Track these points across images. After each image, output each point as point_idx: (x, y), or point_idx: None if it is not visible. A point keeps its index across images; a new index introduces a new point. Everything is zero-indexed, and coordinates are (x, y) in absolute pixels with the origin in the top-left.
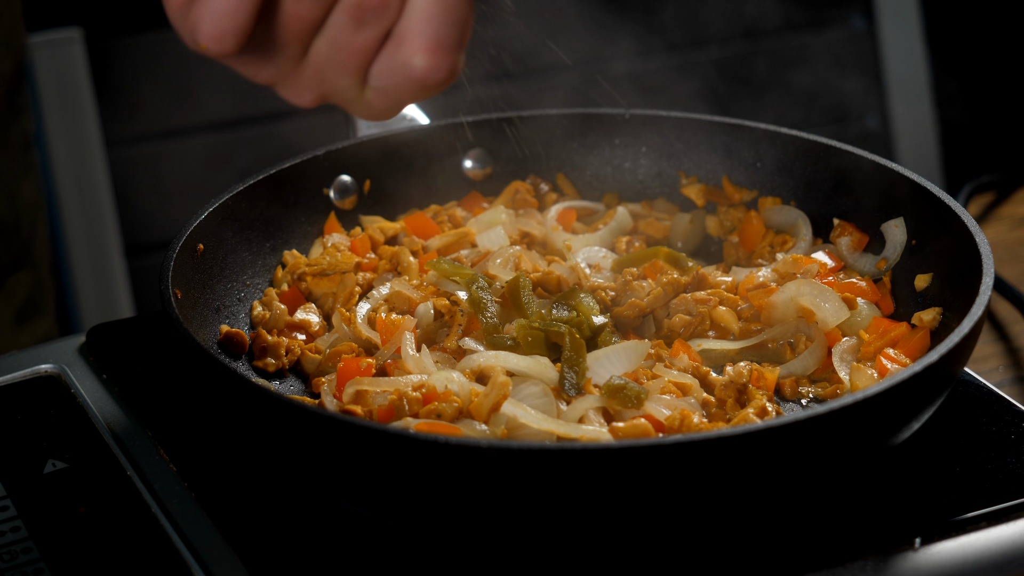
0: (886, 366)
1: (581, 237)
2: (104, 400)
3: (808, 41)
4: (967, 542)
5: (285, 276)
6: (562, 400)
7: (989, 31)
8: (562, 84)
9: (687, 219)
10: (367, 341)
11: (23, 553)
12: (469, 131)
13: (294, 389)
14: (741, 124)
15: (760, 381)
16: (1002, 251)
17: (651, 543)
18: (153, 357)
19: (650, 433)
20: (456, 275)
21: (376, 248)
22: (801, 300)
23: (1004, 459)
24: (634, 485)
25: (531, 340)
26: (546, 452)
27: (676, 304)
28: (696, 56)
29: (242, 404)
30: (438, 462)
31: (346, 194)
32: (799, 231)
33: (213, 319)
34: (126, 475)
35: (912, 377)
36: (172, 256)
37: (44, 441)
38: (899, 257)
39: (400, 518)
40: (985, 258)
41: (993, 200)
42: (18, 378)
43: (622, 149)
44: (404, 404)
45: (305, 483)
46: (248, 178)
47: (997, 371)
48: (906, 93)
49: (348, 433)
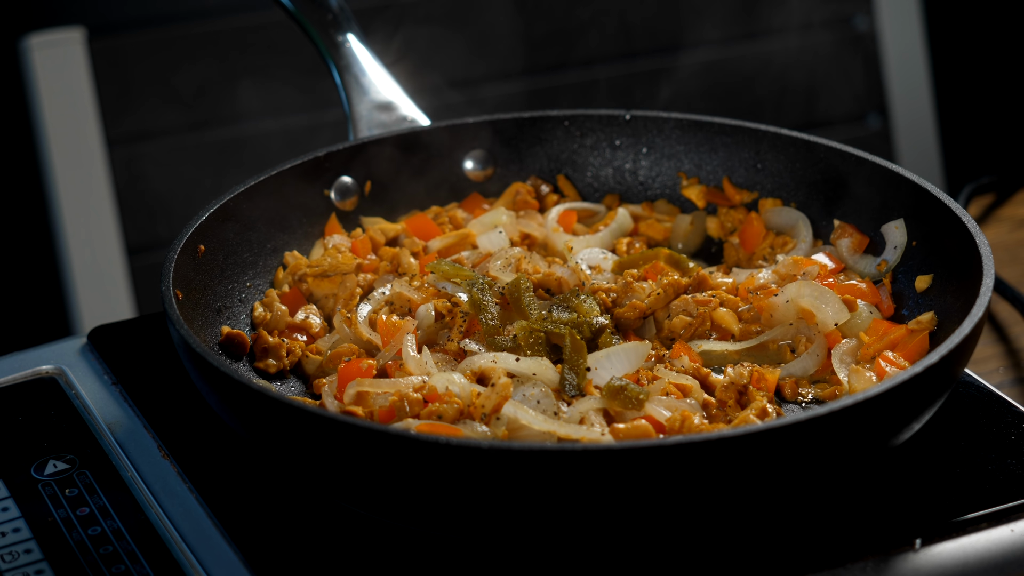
0: (884, 369)
1: (582, 238)
2: (105, 401)
3: (808, 41)
4: (967, 543)
5: (286, 277)
6: (563, 401)
7: (989, 31)
8: (562, 84)
9: (688, 220)
10: (368, 342)
11: (24, 553)
12: (470, 132)
13: (295, 390)
14: (741, 125)
15: (760, 382)
16: (1002, 252)
17: (652, 544)
18: (154, 358)
19: (651, 434)
20: (457, 276)
21: (377, 249)
22: (801, 301)
23: (1004, 460)
24: (635, 486)
25: (532, 341)
26: (547, 453)
27: (677, 305)
28: (696, 56)
29: (243, 406)
30: (439, 463)
31: (347, 195)
32: (799, 232)
33: (214, 320)
34: (127, 475)
35: (913, 378)
36: (173, 257)
37: (45, 442)
38: (899, 258)
39: (400, 519)
40: (985, 259)
41: (993, 201)
42: (19, 379)
43: (623, 150)
44: (405, 405)
45: (306, 484)
46: (249, 179)
47: (997, 372)
48: (906, 93)
49: (349, 434)
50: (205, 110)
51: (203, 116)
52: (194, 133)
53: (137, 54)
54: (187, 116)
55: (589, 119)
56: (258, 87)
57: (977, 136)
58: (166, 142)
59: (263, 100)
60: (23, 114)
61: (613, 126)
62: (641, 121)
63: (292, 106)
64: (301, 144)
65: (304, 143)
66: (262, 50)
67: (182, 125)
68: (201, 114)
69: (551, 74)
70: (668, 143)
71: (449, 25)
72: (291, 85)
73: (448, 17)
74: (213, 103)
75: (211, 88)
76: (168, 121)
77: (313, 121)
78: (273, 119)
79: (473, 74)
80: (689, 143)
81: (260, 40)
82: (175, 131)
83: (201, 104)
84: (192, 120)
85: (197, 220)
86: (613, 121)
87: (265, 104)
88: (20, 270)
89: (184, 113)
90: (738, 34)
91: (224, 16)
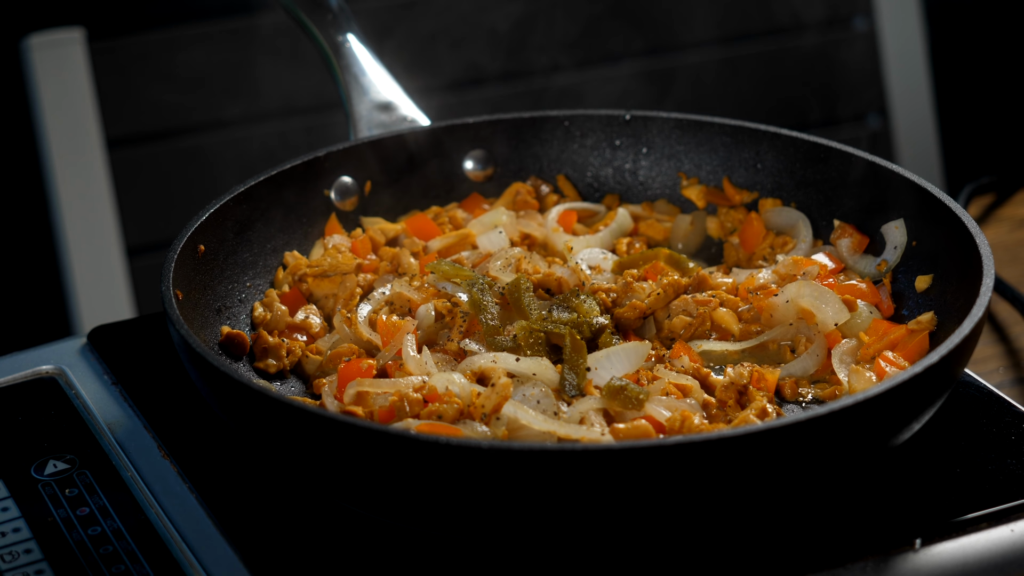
0: (884, 369)
1: (582, 238)
2: (105, 401)
3: (808, 41)
4: (967, 543)
5: (286, 277)
6: (563, 401)
7: (989, 31)
8: (563, 83)
9: (688, 220)
10: (368, 342)
11: (24, 553)
12: (470, 132)
13: (295, 390)
14: (741, 125)
15: (760, 382)
16: (1002, 252)
17: (652, 544)
18: (154, 358)
19: (651, 434)
20: (457, 276)
21: (377, 249)
22: (801, 302)
23: (1004, 460)
24: (635, 486)
25: (532, 341)
26: (547, 453)
27: (677, 305)
28: (696, 56)
29: (243, 406)
30: (439, 463)
31: (347, 195)
32: (799, 232)
33: (214, 320)
34: (127, 476)
35: (913, 378)
36: (173, 257)
37: (45, 442)
38: (899, 258)
39: (401, 518)
40: (985, 259)
41: (993, 201)
42: (19, 379)
43: (623, 151)
44: (405, 405)
45: (306, 484)
46: (249, 179)
47: (997, 372)
48: (906, 93)
49: (349, 434)
50: (204, 111)
51: (202, 116)
52: (194, 133)
53: (137, 55)
54: (186, 117)
55: (589, 119)
56: (257, 87)
57: (977, 136)
58: (166, 142)
59: (262, 100)
60: (23, 114)
61: (613, 126)
62: (641, 121)
63: (292, 106)
64: (301, 144)
65: (304, 143)
66: (261, 51)
67: (182, 125)
68: (200, 115)
69: (551, 74)
70: (668, 143)
71: (449, 25)
72: (290, 85)
73: (448, 17)
74: (213, 104)
75: (210, 88)
76: (168, 121)
77: (313, 121)
78: (273, 119)
79: (473, 74)
80: (689, 143)
81: (259, 41)
82: (175, 131)
83: (200, 105)
84: (192, 120)
85: (197, 220)
86: (613, 121)
87: (265, 104)
88: (20, 270)
89: (183, 113)
90: (738, 34)
91: (224, 17)
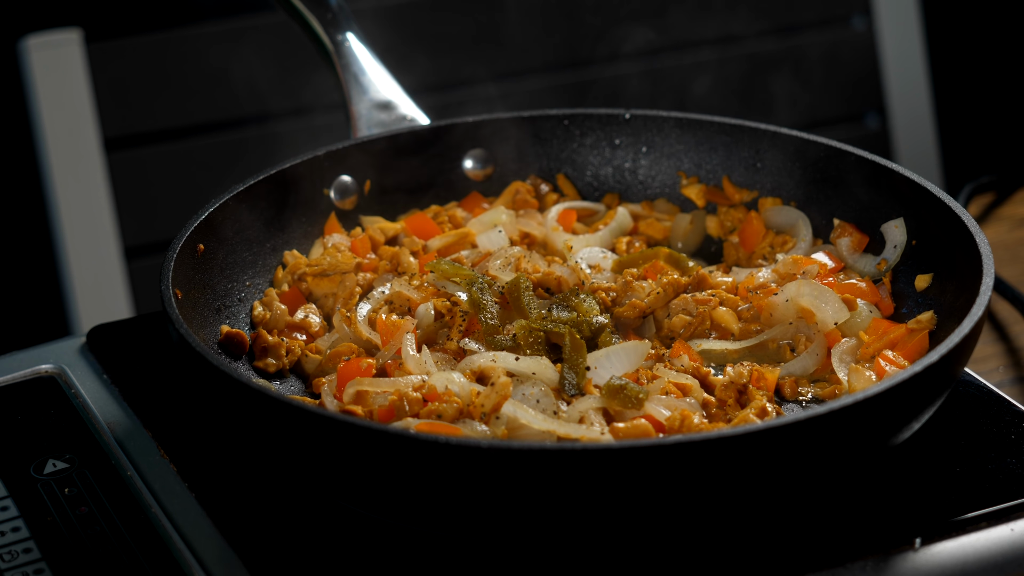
0: (884, 368)
1: (581, 238)
2: (104, 400)
3: (808, 41)
4: (967, 542)
5: (285, 276)
6: (562, 400)
7: (989, 31)
8: (562, 84)
9: (687, 219)
10: (367, 342)
11: (24, 553)
12: (469, 131)
13: (294, 389)
14: (741, 124)
15: (760, 381)
16: (1002, 251)
17: (651, 543)
18: (153, 357)
19: (650, 433)
20: (456, 276)
21: (376, 248)
22: (801, 301)
23: (1004, 459)
24: (634, 485)
25: (531, 340)
26: (546, 452)
27: (676, 304)
28: (695, 56)
29: (243, 405)
30: (439, 462)
31: (346, 194)
32: (799, 232)
33: (213, 319)
34: (126, 475)
35: (913, 377)
36: (172, 256)
37: (44, 441)
38: (899, 258)
39: (400, 518)
40: (985, 258)
41: (993, 200)
42: (18, 378)
43: (622, 150)
44: (404, 404)
45: (306, 483)
46: (248, 178)
47: (997, 371)
48: (905, 92)
49: (349, 433)
50: (204, 110)
51: (202, 116)
52: (192, 133)
53: (135, 55)
54: (186, 116)
55: (588, 118)
56: (256, 88)
57: (976, 135)
58: (164, 142)
59: (261, 100)
60: (21, 115)
61: (612, 125)
62: (641, 120)
63: (291, 106)
64: (300, 144)
65: (303, 143)
66: (260, 51)
67: (180, 126)
68: (200, 114)
69: (551, 74)
70: (668, 142)
71: (449, 24)
72: (289, 85)
73: (448, 16)
74: (212, 103)
75: (209, 88)
76: (166, 122)
77: (312, 121)
78: (271, 119)
79: (473, 74)
80: (689, 142)
81: (258, 41)
82: (173, 131)
83: (200, 104)
84: (191, 120)
85: (196, 219)
86: (612, 120)
87: (263, 104)
88: (19, 270)
89: (183, 114)
90: (738, 34)
91: (222, 17)
